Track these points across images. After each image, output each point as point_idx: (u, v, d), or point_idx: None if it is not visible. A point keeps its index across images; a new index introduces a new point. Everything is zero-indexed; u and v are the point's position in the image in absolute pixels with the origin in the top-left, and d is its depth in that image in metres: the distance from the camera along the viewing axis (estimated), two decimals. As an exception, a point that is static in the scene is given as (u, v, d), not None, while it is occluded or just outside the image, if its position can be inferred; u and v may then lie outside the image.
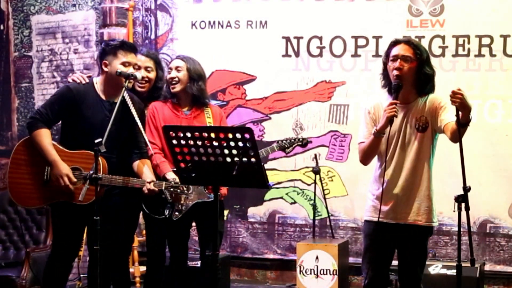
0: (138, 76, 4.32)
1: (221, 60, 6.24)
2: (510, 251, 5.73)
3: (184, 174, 3.55)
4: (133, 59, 4.28)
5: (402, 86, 3.76)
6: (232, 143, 3.34)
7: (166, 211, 4.34)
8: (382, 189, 3.81)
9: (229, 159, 3.38)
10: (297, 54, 6.12)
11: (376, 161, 3.92)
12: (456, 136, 3.58)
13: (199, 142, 3.40)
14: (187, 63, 4.58)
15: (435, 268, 5.14)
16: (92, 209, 3.87)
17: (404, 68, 3.76)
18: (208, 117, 4.57)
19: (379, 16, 5.93)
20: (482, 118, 5.69)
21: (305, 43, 6.09)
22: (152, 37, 6.42)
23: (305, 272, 5.44)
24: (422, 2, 5.82)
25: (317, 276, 5.41)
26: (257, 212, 6.28)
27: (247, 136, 3.32)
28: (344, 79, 6.04)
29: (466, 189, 3.51)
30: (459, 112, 3.50)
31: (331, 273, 5.39)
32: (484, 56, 5.71)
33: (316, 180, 5.83)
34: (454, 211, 3.52)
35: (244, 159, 3.35)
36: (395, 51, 3.81)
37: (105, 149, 3.86)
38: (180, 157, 3.48)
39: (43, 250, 5.17)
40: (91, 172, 3.86)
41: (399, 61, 3.76)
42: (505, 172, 5.67)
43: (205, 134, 3.39)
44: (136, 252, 5.86)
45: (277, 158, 6.05)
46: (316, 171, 5.80)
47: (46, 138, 4.17)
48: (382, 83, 3.91)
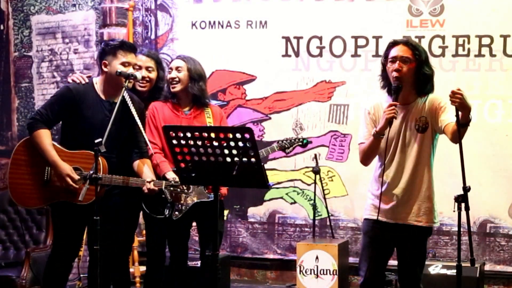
0: (138, 76, 4.32)
1: (221, 60, 6.24)
2: (510, 251, 5.73)
3: (184, 174, 3.56)
4: (133, 59, 4.28)
5: (401, 88, 3.76)
6: (232, 143, 3.34)
7: (166, 211, 4.34)
8: (381, 190, 3.81)
9: (229, 159, 3.38)
10: (297, 54, 6.12)
11: (377, 161, 3.92)
12: (456, 137, 3.57)
13: (199, 142, 3.40)
14: (188, 63, 4.58)
15: (435, 268, 5.14)
16: (92, 209, 3.87)
17: (403, 69, 3.76)
18: (208, 117, 4.57)
19: (379, 16, 5.92)
20: (482, 118, 5.69)
21: (305, 43, 6.09)
22: (152, 37, 6.42)
23: (305, 272, 5.44)
24: (422, 2, 5.82)
25: (317, 276, 5.41)
26: (257, 212, 6.28)
27: (247, 136, 3.32)
28: (344, 79, 6.03)
29: (466, 189, 3.51)
30: (459, 112, 3.51)
31: (331, 273, 5.39)
32: (484, 56, 5.71)
33: (316, 180, 5.83)
34: (454, 211, 3.52)
35: (244, 159, 3.35)
36: (393, 52, 3.80)
37: (105, 149, 3.86)
38: (180, 157, 3.48)
39: (43, 250, 5.17)
40: (91, 172, 3.86)
41: (398, 62, 3.76)
42: (505, 172, 5.67)
43: (205, 134, 3.39)
44: (136, 252, 5.86)
45: (277, 158, 6.05)
46: (316, 171, 5.80)
47: (46, 138, 4.17)
48: (381, 84, 3.90)
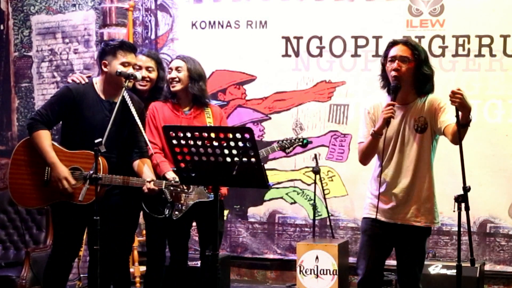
0: (138, 76, 4.32)
1: (221, 60, 6.24)
2: (510, 251, 5.73)
3: (184, 174, 3.56)
4: (133, 59, 4.28)
5: (400, 87, 3.76)
6: (232, 143, 3.34)
7: (166, 211, 4.34)
8: (379, 190, 3.81)
9: (229, 159, 3.38)
10: (297, 54, 6.12)
11: (376, 161, 3.92)
12: (456, 138, 3.55)
13: (199, 142, 3.40)
14: (188, 63, 4.58)
15: (435, 268, 5.14)
16: (92, 209, 3.87)
17: (402, 69, 3.75)
18: (208, 117, 4.57)
19: (379, 16, 5.92)
20: (482, 118, 5.69)
21: (305, 43, 6.09)
22: (152, 37, 6.42)
23: (305, 272, 5.44)
24: (422, 2, 5.82)
25: (317, 276, 5.41)
26: (257, 212, 6.28)
27: (247, 136, 3.32)
28: (344, 79, 6.03)
29: (466, 189, 3.50)
30: (459, 113, 3.50)
31: (331, 273, 5.39)
32: (484, 56, 5.71)
33: (316, 180, 5.83)
34: (454, 211, 3.51)
35: (244, 159, 3.36)
36: (393, 52, 3.80)
37: (105, 149, 3.86)
38: (180, 157, 3.48)
39: (43, 250, 5.17)
40: (91, 172, 3.86)
41: (397, 62, 3.75)
42: (505, 172, 5.67)
43: (205, 134, 3.39)
44: (136, 252, 5.86)
45: (277, 158, 6.05)
46: (316, 171, 5.80)
47: (45, 139, 4.16)
48: (381, 84, 3.90)
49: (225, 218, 5.90)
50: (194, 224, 4.71)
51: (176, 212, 4.42)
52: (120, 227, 4.35)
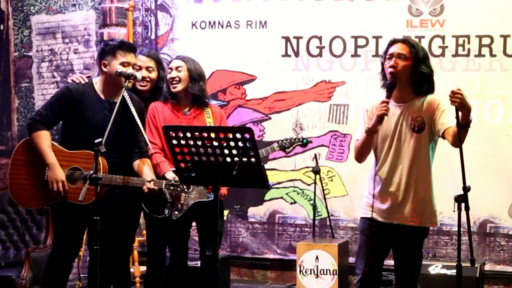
0: (138, 76, 4.32)
1: (221, 60, 6.24)
2: (510, 251, 5.73)
3: (184, 174, 3.56)
4: (132, 59, 4.28)
5: (396, 84, 3.75)
6: (232, 143, 3.34)
7: (166, 211, 4.34)
8: (373, 188, 3.81)
9: (229, 159, 3.38)
10: (296, 54, 6.12)
11: (373, 160, 3.91)
12: (457, 140, 3.54)
13: (199, 142, 3.40)
14: (187, 64, 4.58)
15: (435, 268, 5.14)
16: (92, 209, 3.87)
17: (399, 66, 3.73)
18: (208, 117, 4.57)
19: (379, 16, 5.92)
20: (482, 118, 5.69)
21: (304, 43, 6.09)
22: (153, 37, 6.42)
23: (305, 272, 5.44)
24: (422, 2, 5.82)
25: (317, 276, 5.41)
26: (257, 212, 6.28)
27: (247, 136, 3.32)
28: (344, 79, 6.03)
29: (466, 189, 3.50)
30: (459, 113, 3.50)
31: (331, 273, 5.39)
32: (484, 56, 5.71)
33: (316, 180, 5.83)
34: (454, 211, 3.51)
35: (244, 159, 3.35)
36: (391, 50, 3.80)
37: (105, 149, 3.86)
38: (180, 157, 3.48)
39: (43, 250, 5.17)
40: (91, 172, 3.86)
41: (394, 59, 3.75)
42: (505, 172, 5.67)
43: (205, 134, 3.39)
44: (136, 252, 5.86)
45: (277, 158, 6.05)
46: (316, 171, 5.80)
47: (45, 140, 4.16)
48: (381, 83, 3.90)
49: (225, 218, 5.91)
50: (194, 224, 4.71)
51: (176, 212, 4.42)
52: (120, 227, 4.35)
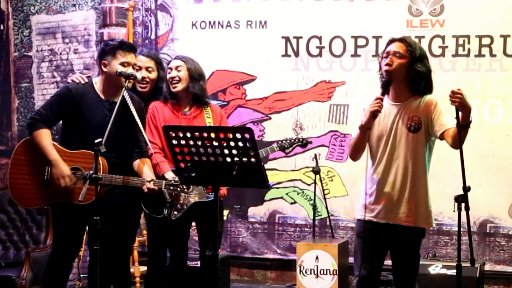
0: (138, 76, 4.32)
1: (221, 60, 6.24)
2: (510, 251, 5.73)
3: (184, 174, 3.56)
4: (132, 59, 4.28)
5: (391, 82, 3.74)
6: (232, 143, 3.34)
7: (165, 211, 4.34)
8: (370, 188, 3.81)
9: (229, 159, 3.38)
10: (296, 54, 6.12)
11: (370, 160, 3.90)
12: (457, 142, 3.53)
13: (199, 142, 3.40)
14: (187, 63, 4.58)
15: (435, 268, 5.14)
16: (92, 209, 3.87)
17: (394, 64, 3.73)
18: (208, 117, 4.57)
19: (379, 16, 5.92)
20: (482, 118, 5.69)
21: (304, 43, 6.09)
22: (153, 37, 6.42)
23: (305, 272, 5.44)
24: (422, 2, 5.82)
25: (317, 276, 5.41)
26: (257, 212, 6.28)
27: (247, 136, 3.32)
28: (344, 79, 6.03)
29: (466, 189, 3.50)
30: (459, 113, 3.49)
31: (331, 273, 5.39)
32: (484, 56, 5.71)
33: (316, 180, 5.83)
34: (454, 211, 3.51)
35: (244, 159, 3.35)
36: (388, 48, 3.80)
37: (105, 149, 3.86)
38: (180, 157, 3.48)
39: (43, 250, 5.17)
40: (91, 172, 3.86)
41: (390, 57, 3.75)
42: (505, 172, 5.67)
43: (205, 134, 3.39)
44: (136, 252, 5.86)
45: (277, 158, 6.04)
46: (316, 171, 5.79)
47: (46, 138, 4.17)
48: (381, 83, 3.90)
49: (225, 218, 5.91)
50: (194, 224, 4.71)
51: (175, 212, 4.42)
52: (120, 227, 4.35)
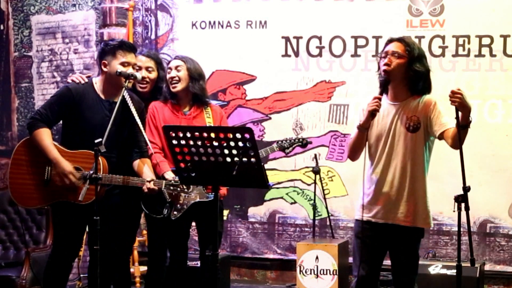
0: (138, 76, 4.32)
1: (221, 60, 6.24)
2: (510, 251, 5.73)
3: (184, 174, 3.56)
4: (132, 59, 4.28)
5: (389, 82, 3.74)
6: (232, 143, 3.34)
7: (165, 211, 4.34)
8: (368, 188, 3.80)
9: (229, 159, 3.38)
10: (296, 54, 6.12)
11: (368, 160, 3.90)
12: (457, 142, 3.53)
13: (199, 142, 3.40)
14: (187, 63, 4.58)
15: (435, 268, 5.14)
16: (92, 209, 3.87)
17: (392, 64, 3.73)
18: (208, 117, 4.57)
19: (379, 16, 5.92)
20: (482, 118, 5.69)
21: (304, 43, 6.09)
22: (153, 37, 6.42)
23: (305, 272, 5.44)
24: (422, 2, 5.82)
25: (317, 276, 5.41)
26: (257, 212, 6.28)
27: (247, 136, 3.32)
28: (344, 79, 6.03)
29: (466, 189, 3.50)
30: (459, 113, 3.49)
31: (331, 273, 5.39)
32: (484, 56, 5.71)
33: (316, 180, 5.83)
34: (454, 211, 3.51)
35: (244, 159, 3.35)
36: (387, 48, 3.80)
37: (105, 149, 3.86)
38: (180, 157, 3.48)
39: (43, 250, 5.17)
40: (91, 172, 3.86)
41: (389, 56, 3.75)
42: (505, 172, 5.67)
43: (205, 134, 3.39)
44: (136, 252, 5.86)
45: (277, 158, 6.04)
46: (316, 171, 5.79)
47: (46, 137, 4.17)
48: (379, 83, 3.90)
49: (225, 218, 5.91)
50: (194, 224, 4.71)
51: (175, 212, 4.41)
52: (120, 227, 4.35)
